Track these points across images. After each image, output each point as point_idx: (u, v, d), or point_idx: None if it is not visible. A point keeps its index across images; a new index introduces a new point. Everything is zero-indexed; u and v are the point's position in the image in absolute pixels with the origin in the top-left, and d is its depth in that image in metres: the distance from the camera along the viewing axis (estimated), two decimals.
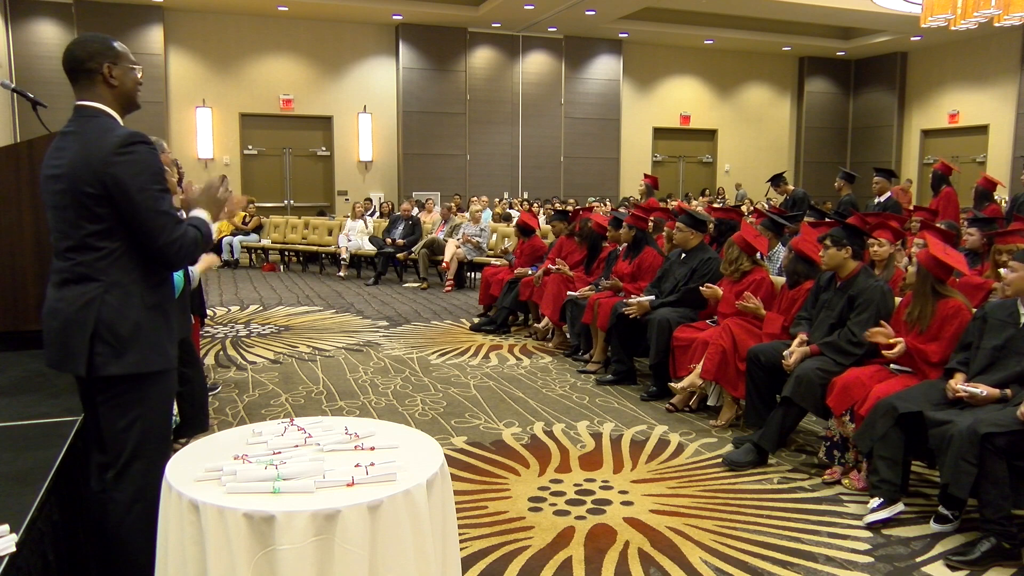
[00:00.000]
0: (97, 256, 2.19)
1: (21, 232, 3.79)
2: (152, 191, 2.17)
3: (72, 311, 2.20)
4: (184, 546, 1.79)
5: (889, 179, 8.35)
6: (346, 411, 5.04)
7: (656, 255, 6.13)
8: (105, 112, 2.26)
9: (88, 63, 2.23)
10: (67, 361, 2.23)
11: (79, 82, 2.25)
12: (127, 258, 2.21)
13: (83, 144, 2.17)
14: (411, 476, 1.88)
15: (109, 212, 2.16)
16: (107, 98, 2.26)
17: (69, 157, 2.18)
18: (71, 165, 2.17)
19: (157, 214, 2.17)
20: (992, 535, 3.06)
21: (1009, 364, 3.31)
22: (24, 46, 13.96)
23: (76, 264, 2.21)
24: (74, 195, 2.16)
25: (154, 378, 2.28)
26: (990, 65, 16.79)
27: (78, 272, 2.20)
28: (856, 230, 4.22)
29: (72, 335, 2.20)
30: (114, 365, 2.20)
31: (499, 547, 3.19)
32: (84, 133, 2.20)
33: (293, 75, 15.79)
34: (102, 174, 2.13)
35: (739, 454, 4.15)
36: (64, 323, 2.22)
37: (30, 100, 3.90)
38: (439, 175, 16.53)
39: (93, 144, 2.16)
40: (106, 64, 2.24)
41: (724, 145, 19.52)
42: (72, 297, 2.21)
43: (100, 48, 2.24)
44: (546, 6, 14.62)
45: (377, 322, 8.14)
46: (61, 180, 2.18)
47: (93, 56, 2.23)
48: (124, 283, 2.21)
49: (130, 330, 2.21)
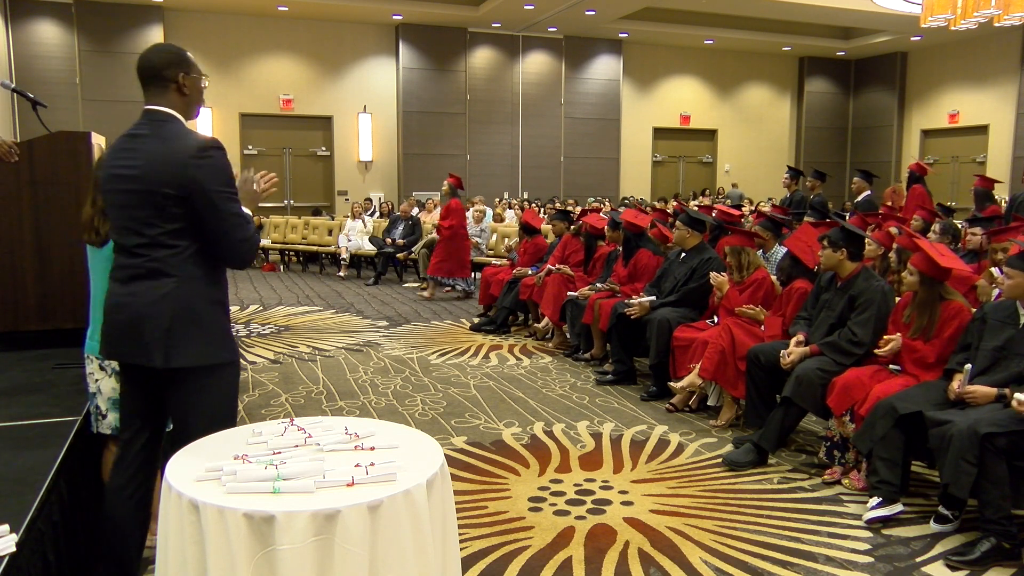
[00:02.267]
0: (170, 253, 2.30)
1: (21, 232, 3.79)
2: (227, 193, 2.33)
3: (144, 305, 2.30)
4: (184, 546, 1.79)
5: (868, 180, 8.51)
6: (346, 411, 5.04)
7: (651, 255, 6.13)
8: (175, 117, 2.38)
9: (165, 71, 2.36)
10: (139, 352, 2.32)
11: (152, 88, 2.37)
12: (197, 256, 2.34)
13: (161, 147, 2.30)
14: (411, 476, 1.88)
15: (184, 212, 2.29)
16: (177, 105, 2.39)
17: (144, 158, 2.30)
18: (148, 166, 2.28)
19: (232, 215, 2.33)
20: (992, 535, 3.06)
21: (1009, 365, 3.31)
22: (24, 46, 13.96)
23: (148, 260, 2.31)
24: (150, 195, 2.27)
25: (222, 369, 2.40)
26: (990, 65, 16.79)
27: (150, 268, 2.31)
28: (851, 232, 4.21)
29: (146, 328, 2.30)
30: (188, 356, 2.31)
31: (499, 547, 3.19)
32: (159, 136, 2.32)
33: (293, 75, 15.79)
34: (182, 176, 2.26)
35: (739, 454, 4.15)
36: (135, 316, 2.31)
37: (30, 100, 3.90)
38: (439, 175, 16.45)
39: (172, 147, 2.29)
40: (180, 74, 2.38)
41: (724, 145, 19.52)
42: (144, 291, 2.31)
43: (176, 58, 2.39)
44: (546, 6, 14.62)
45: (377, 322, 8.14)
46: (135, 180, 2.29)
47: (170, 65, 2.37)
48: (194, 279, 2.33)
49: (201, 323, 2.34)
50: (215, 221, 2.31)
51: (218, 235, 2.33)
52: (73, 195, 3.69)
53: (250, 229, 2.39)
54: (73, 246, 3.60)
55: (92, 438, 2.94)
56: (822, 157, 19.31)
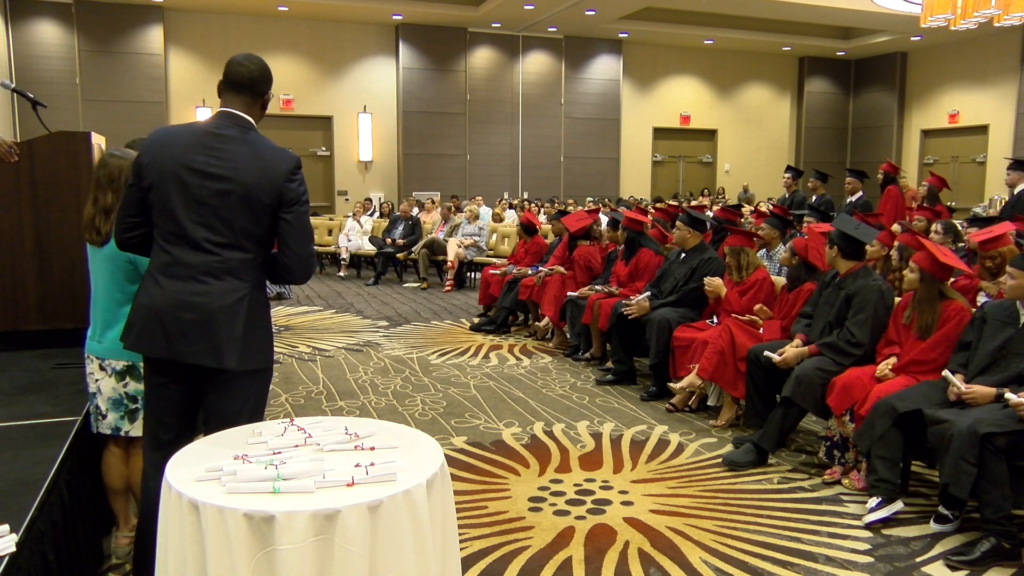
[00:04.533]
0: (246, 257, 2.37)
1: (21, 232, 3.78)
2: (307, 210, 2.47)
3: (221, 306, 2.32)
4: (184, 546, 1.79)
5: (861, 180, 8.50)
6: (346, 411, 5.04)
7: (653, 255, 6.13)
8: (255, 127, 2.48)
9: (260, 85, 2.50)
10: (208, 353, 2.31)
11: (241, 95, 2.47)
12: (264, 264, 2.47)
13: (253, 154, 2.39)
14: (411, 476, 1.88)
15: (271, 221, 2.39)
16: (256, 117, 2.51)
17: (240, 164, 2.36)
18: (243, 171, 2.36)
19: (307, 230, 2.47)
20: (992, 535, 3.07)
21: (1009, 364, 3.31)
22: (24, 46, 13.95)
23: (221, 260, 2.34)
24: (246, 200, 2.35)
25: (268, 372, 2.52)
26: (990, 65, 16.79)
27: (223, 268, 2.35)
28: (844, 232, 4.20)
29: (222, 329, 2.31)
30: (256, 360, 2.40)
31: (499, 547, 3.19)
32: (248, 142, 2.41)
33: (293, 75, 15.78)
34: (281, 188, 2.37)
35: (739, 454, 4.15)
36: (208, 316, 2.31)
37: (30, 100, 3.90)
38: (439, 175, 16.52)
39: (269, 159, 2.40)
40: (268, 92, 2.55)
41: (724, 145, 19.51)
42: (219, 292, 2.33)
43: (270, 76, 2.55)
44: (546, 6, 14.62)
45: (377, 322, 8.14)
46: (224, 180, 2.34)
47: (266, 81, 2.52)
48: (260, 286, 2.45)
49: (265, 328, 2.45)
50: (296, 231, 2.41)
51: (295, 246, 2.43)
52: (73, 195, 3.68)
53: (313, 247, 2.53)
54: (73, 246, 3.60)
55: (92, 438, 2.94)
56: (822, 157, 19.30)
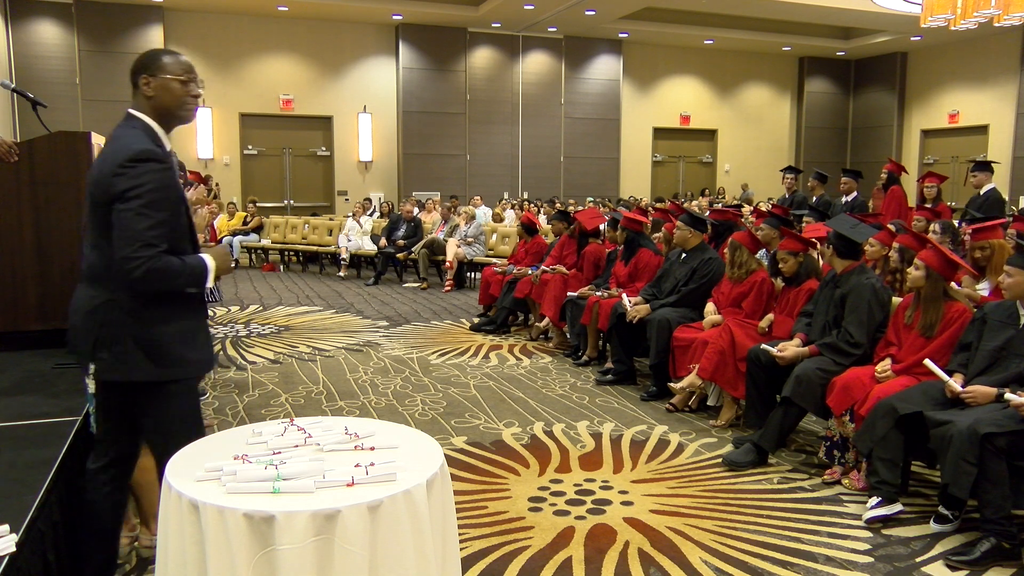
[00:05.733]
0: (108, 261, 2.22)
1: (21, 232, 3.78)
2: (135, 208, 2.15)
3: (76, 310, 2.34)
4: (184, 546, 1.79)
5: (856, 179, 8.49)
6: (346, 411, 5.04)
7: (652, 255, 6.13)
8: (142, 121, 2.32)
9: (133, 76, 2.35)
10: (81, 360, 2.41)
11: (133, 90, 2.37)
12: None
13: (105, 153, 2.26)
14: (411, 476, 1.88)
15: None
16: (146, 108, 2.34)
17: (97, 164, 2.29)
18: (95, 172, 2.26)
19: (129, 230, 2.15)
20: (992, 535, 3.07)
21: (1009, 365, 3.31)
22: (24, 46, 13.96)
23: (90, 265, 2.31)
24: (91, 198, 2.26)
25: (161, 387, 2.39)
26: (990, 65, 16.79)
27: (90, 272, 2.32)
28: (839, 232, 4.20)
29: (79, 336, 2.35)
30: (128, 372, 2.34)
31: (499, 547, 3.19)
32: (112, 141, 2.30)
33: (293, 75, 15.79)
34: (109, 182, 2.19)
35: (739, 454, 4.15)
36: (72, 323, 2.35)
37: (30, 100, 3.89)
38: (439, 175, 16.53)
39: (107, 153, 2.25)
40: (143, 77, 2.32)
41: (724, 145, 19.53)
42: (80, 298, 2.34)
43: (145, 61, 2.35)
44: (546, 6, 14.62)
45: (377, 322, 8.14)
46: (88, 185, 2.27)
47: (138, 69, 2.34)
48: (132, 291, 2.25)
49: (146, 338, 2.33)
50: (117, 235, 2.17)
51: (115, 248, 2.17)
52: (73, 195, 3.68)
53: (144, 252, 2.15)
54: (73, 246, 3.60)
55: (92, 438, 2.94)
56: (822, 157, 19.31)
